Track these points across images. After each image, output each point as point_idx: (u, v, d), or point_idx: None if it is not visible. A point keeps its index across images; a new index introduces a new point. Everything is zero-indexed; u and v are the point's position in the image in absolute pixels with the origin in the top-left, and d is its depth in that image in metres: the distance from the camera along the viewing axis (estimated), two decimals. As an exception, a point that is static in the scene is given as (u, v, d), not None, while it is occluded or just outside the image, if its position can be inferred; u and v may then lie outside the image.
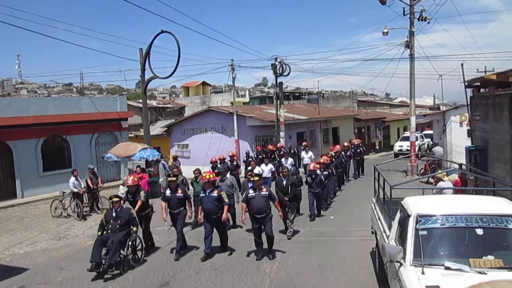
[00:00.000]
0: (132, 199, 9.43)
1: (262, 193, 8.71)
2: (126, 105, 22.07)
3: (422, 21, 20.19)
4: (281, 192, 10.45)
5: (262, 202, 8.67)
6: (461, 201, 6.36)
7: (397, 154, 28.09)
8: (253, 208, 8.69)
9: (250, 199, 8.72)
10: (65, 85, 76.35)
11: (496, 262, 4.59)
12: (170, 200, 9.28)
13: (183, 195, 9.31)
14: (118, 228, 8.30)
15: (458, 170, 11.05)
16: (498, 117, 11.06)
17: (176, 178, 9.73)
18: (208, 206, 8.81)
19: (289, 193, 10.41)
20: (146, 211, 9.61)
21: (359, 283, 7.31)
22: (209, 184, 8.98)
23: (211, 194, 8.83)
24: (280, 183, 10.70)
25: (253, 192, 8.78)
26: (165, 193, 9.46)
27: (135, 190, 9.50)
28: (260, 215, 8.65)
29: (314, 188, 12.02)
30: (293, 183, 10.60)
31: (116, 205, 8.54)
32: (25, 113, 16.79)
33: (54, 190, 15.80)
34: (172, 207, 9.29)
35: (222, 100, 37.85)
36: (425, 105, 48.14)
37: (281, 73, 24.58)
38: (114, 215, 8.43)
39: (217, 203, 8.83)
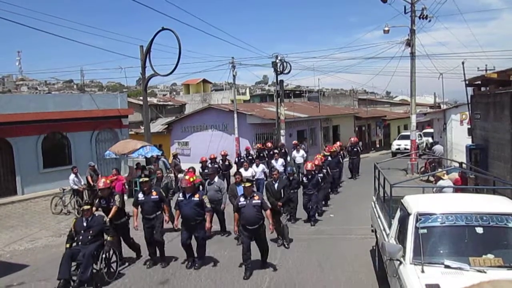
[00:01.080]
0: (106, 205, 8.35)
1: (253, 201, 7.72)
2: (127, 103, 22.06)
3: (423, 19, 20.19)
4: (273, 197, 9.54)
5: (253, 212, 7.67)
6: (461, 199, 6.36)
7: (395, 153, 27.52)
8: (243, 218, 7.76)
9: (241, 208, 7.77)
10: (65, 82, 76.33)
11: (495, 260, 4.59)
12: (143, 205, 8.31)
13: (158, 197, 8.36)
14: (89, 240, 7.34)
15: (458, 169, 11.04)
16: (498, 116, 11.05)
17: (149, 178, 8.75)
18: (188, 212, 7.94)
19: (282, 197, 9.61)
20: (123, 219, 8.55)
21: (359, 282, 7.32)
22: (191, 188, 8.08)
23: (191, 198, 7.98)
24: (271, 187, 9.76)
25: (244, 200, 7.82)
26: (137, 197, 8.45)
27: (109, 195, 8.41)
28: (252, 227, 7.70)
29: (309, 189, 11.37)
30: (286, 185, 9.88)
31: (87, 213, 7.54)
32: (25, 109, 16.79)
33: (54, 187, 15.79)
34: (147, 212, 8.27)
35: (223, 98, 37.82)
36: (426, 103, 48.10)
37: (282, 71, 24.55)
38: (85, 225, 7.42)
39: (198, 209, 7.97)
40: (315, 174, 11.57)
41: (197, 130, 27.19)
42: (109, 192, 8.46)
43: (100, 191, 8.45)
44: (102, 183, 8.42)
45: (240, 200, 7.89)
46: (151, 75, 18.42)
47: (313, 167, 11.60)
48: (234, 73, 26.13)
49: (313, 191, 11.38)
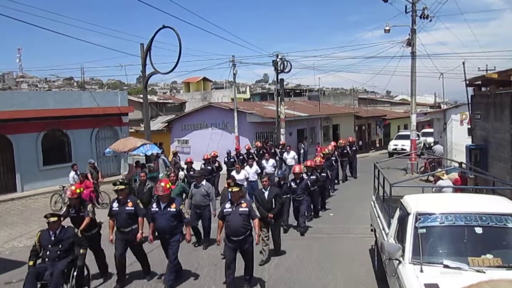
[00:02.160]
0: (76, 215, 7.50)
1: (240, 209, 6.83)
2: (127, 100, 22.04)
3: (424, 19, 20.16)
4: (263, 207, 8.45)
5: (239, 221, 6.78)
6: (461, 199, 6.37)
7: (392, 153, 26.88)
8: (228, 227, 6.88)
9: (226, 216, 6.91)
10: (65, 79, 76.39)
11: (494, 261, 4.60)
12: (117, 216, 7.37)
13: (133, 208, 7.33)
14: (58, 255, 6.28)
15: (458, 169, 11.04)
16: (499, 116, 11.05)
17: (126, 186, 7.57)
18: (163, 224, 7.02)
19: (273, 208, 8.55)
20: (94, 230, 7.65)
21: (358, 281, 7.33)
22: (168, 197, 7.16)
23: (167, 209, 7.04)
24: (261, 197, 8.66)
25: (230, 206, 6.95)
26: (112, 207, 7.54)
27: (79, 203, 7.55)
28: (237, 238, 6.81)
29: (299, 195, 10.39)
30: (278, 194, 8.73)
31: (54, 225, 6.38)
32: (25, 107, 16.79)
33: (54, 184, 15.81)
34: (121, 224, 7.33)
35: (223, 96, 37.79)
36: (426, 103, 48.10)
37: (282, 70, 24.55)
38: (53, 239, 6.32)
39: (175, 221, 7.08)
40: (303, 178, 10.68)
41: (197, 128, 27.18)
42: (80, 200, 7.63)
43: (70, 200, 7.64)
44: (70, 192, 7.61)
45: (225, 206, 7.03)
46: (151, 73, 18.39)
47: (301, 170, 10.70)
48: (235, 72, 26.15)
49: (303, 197, 10.40)
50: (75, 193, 7.52)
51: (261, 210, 8.21)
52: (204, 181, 9.53)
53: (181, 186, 10.28)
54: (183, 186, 10.30)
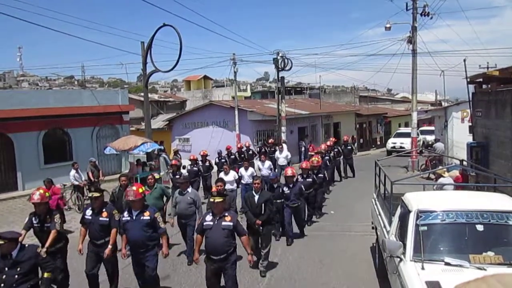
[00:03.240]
0: (40, 226, 6.42)
1: (224, 223, 5.81)
2: (128, 99, 22.08)
3: (425, 16, 20.14)
4: (252, 212, 7.78)
5: (222, 237, 5.78)
6: (462, 197, 6.36)
7: (390, 151, 26.39)
8: (208, 244, 5.88)
9: (206, 230, 5.88)
10: (66, 78, 76.33)
11: (496, 258, 4.59)
12: (90, 225, 6.55)
13: (108, 219, 6.48)
14: (17, 280, 5.00)
15: (459, 166, 11.03)
16: (500, 114, 11.03)
17: (101, 193, 6.69)
18: (136, 235, 6.11)
19: (262, 214, 7.73)
20: (60, 244, 6.66)
21: (358, 278, 7.33)
22: (140, 204, 6.23)
23: (140, 217, 6.12)
24: (251, 200, 7.92)
25: (211, 219, 5.89)
26: (85, 214, 6.70)
27: (45, 213, 6.46)
28: (218, 256, 5.82)
29: (293, 201, 9.40)
30: (269, 200, 7.91)
31: (10, 246, 4.99)
32: (26, 105, 16.79)
33: (55, 183, 15.71)
34: (93, 236, 6.52)
35: (224, 94, 37.81)
36: (427, 101, 48.08)
37: (283, 68, 24.51)
38: (11, 262, 4.99)
39: (150, 231, 6.15)
40: (298, 182, 9.90)
41: (198, 127, 27.19)
42: (46, 209, 6.52)
43: (35, 206, 6.51)
44: (38, 195, 6.41)
45: (205, 219, 5.97)
46: (152, 71, 18.39)
47: (294, 173, 9.68)
48: (235, 70, 26.14)
49: (296, 203, 9.43)
50: (44, 198, 6.44)
51: (249, 215, 7.71)
52: (190, 188, 8.51)
53: (161, 188, 9.24)
54: (163, 189, 9.33)
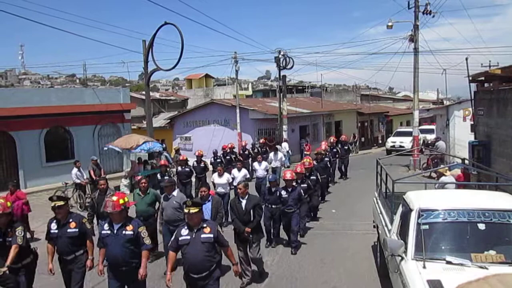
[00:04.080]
0: (2, 241, 5.66)
1: (203, 235, 5.13)
2: (129, 97, 22.08)
3: (427, 14, 20.09)
4: (240, 220, 7.15)
5: (202, 253, 5.08)
6: (464, 195, 6.36)
7: (390, 150, 26.00)
8: (186, 262, 5.22)
9: (182, 246, 5.17)
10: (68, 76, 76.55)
11: (497, 257, 4.59)
12: (57, 240, 5.75)
13: (77, 230, 5.71)
14: None
15: (460, 165, 11.02)
16: (502, 112, 11.01)
17: (65, 202, 5.85)
18: (116, 251, 5.32)
19: (251, 221, 7.13)
20: (27, 260, 5.87)
21: (360, 277, 7.34)
22: (121, 216, 5.39)
23: (122, 231, 5.35)
24: (237, 206, 7.26)
25: (188, 233, 5.19)
26: (50, 228, 5.82)
27: (7, 224, 5.71)
28: (199, 275, 5.15)
29: (290, 206, 8.77)
30: (257, 204, 7.31)
31: None
32: (28, 103, 16.80)
33: (57, 181, 15.84)
34: (62, 251, 5.76)
35: (225, 93, 37.81)
36: (429, 99, 48.02)
37: (285, 66, 24.52)
38: None
39: (132, 248, 5.35)
40: (297, 186, 9.19)
41: (199, 125, 27.19)
42: (8, 220, 5.75)
43: None
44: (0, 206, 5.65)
45: (181, 233, 5.22)
46: (153, 70, 18.43)
47: (293, 176, 9.09)
48: (237, 68, 26.10)
49: (294, 209, 8.79)
50: (6, 208, 5.68)
51: (237, 223, 7.13)
52: (176, 191, 7.95)
53: (154, 194, 8.49)
54: (156, 194, 8.58)
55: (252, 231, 7.06)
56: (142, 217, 7.87)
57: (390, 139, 29.63)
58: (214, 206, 7.45)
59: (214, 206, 7.45)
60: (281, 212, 8.85)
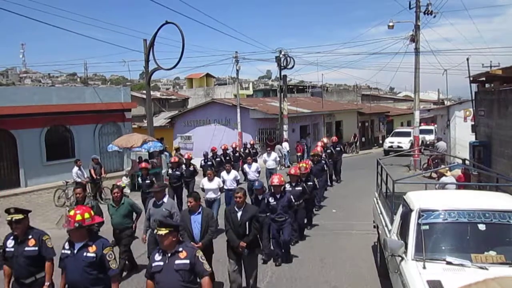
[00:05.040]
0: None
1: (177, 261, 4.27)
2: (130, 96, 22.11)
3: (428, 15, 20.10)
4: (235, 232, 6.42)
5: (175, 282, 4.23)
6: (464, 196, 6.35)
7: (387, 151, 25.48)
8: None
9: (154, 274, 4.33)
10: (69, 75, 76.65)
11: (497, 257, 4.59)
12: (13, 259, 4.90)
13: (37, 249, 4.88)
14: None
15: (461, 165, 11.02)
16: (503, 113, 11.01)
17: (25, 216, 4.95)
18: (75, 276, 4.47)
19: (247, 235, 6.38)
20: None
21: (360, 277, 7.34)
22: (80, 234, 4.53)
23: (83, 252, 4.47)
24: (232, 217, 6.52)
25: (161, 258, 4.32)
26: (5, 246, 5.00)
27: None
28: None
29: (280, 214, 8.06)
30: (254, 216, 6.53)
31: None
32: (29, 102, 16.83)
33: (58, 180, 15.86)
34: (19, 273, 4.91)
35: (226, 92, 37.82)
36: (429, 99, 47.99)
37: (285, 66, 24.53)
38: None
39: (94, 273, 4.46)
40: (285, 192, 8.33)
41: (200, 125, 27.20)
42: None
43: None
44: None
45: (154, 257, 4.40)
46: (154, 69, 18.44)
47: (282, 181, 8.23)
48: (238, 68, 26.11)
49: (284, 217, 8.07)
50: None
51: (231, 236, 6.43)
52: (166, 197, 7.39)
53: (128, 203, 7.75)
54: (132, 204, 7.84)
55: (247, 246, 6.35)
56: (118, 230, 7.50)
57: (388, 139, 29.19)
58: (205, 219, 6.50)
59: (205, 219, 6.51)
60: (271, 220, 8.13)
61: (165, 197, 7.37)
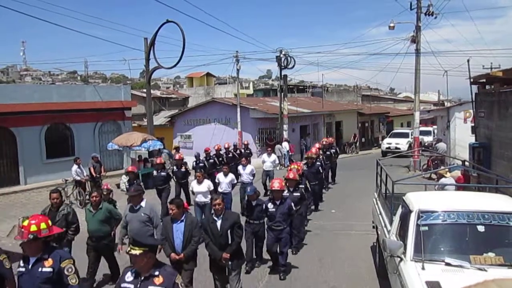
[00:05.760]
0: None
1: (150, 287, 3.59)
2: (130, 95, 22.11)
3: (429, 16, 20.12)
4: (215, 243, 5.87)
5: None
6: (463, 197, 6.35)
7: (385, 152, 25.12)
8: None
9: None
10: (69, 73, 76.60)
11: (496, 259, 4.59)
12: None
13: None
14: None
15: (461, 167, 11.02)
16: (503, 115, 11.01)
17: None
18: None
19: (229, 245, 5.85)
20: None
21: (359, 277, 7.34)
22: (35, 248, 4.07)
23: (38, 267, 4.01)
24: (211, 227, 5.92)
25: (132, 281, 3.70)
26: None
27: None
28: None
29: (278, 222, 7.35)
30: (236, 223, 5.95)
31: None
32: (29, 100, 16.83)
33: (57, 178, 15.86)
34: None
35: (226, 92, 37.80)
36: (430, 100, 47.98)
37: (286, 66, 24.56)
38: None
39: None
40: (287, 198, 7.73)
41: (200, 124, 27.21)
42: None
43: None
44: None
45: (124, 278, 3.76)
46: (155, 68, 18.45)
47: (283, 186, 7.70)
48: (238, 67, 26.12)
49: (282, 225, 7.37)
50: None
51: (212, 248, 5.88)
52: (144, 201, 6.79)
53: (106, 209, 7.17)
54: (111, 210, 7.28)
55: (231, 257, 5.85)
56: (94, 238, 6.90)
57: (385, 140, 28.83)
58: (188, 228, 5.79)
59: (188, 227, 5.79)
60: (268, 228, 7.51)
61: (143, 201, 6.81)
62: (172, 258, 5.76)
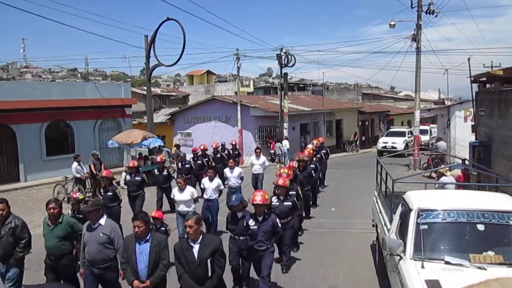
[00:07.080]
0: None
1: None
2: (130, 92, 22.10)
3: (429, 14, 20.08)
4: (191, 274, 4.78)
5: None
6: (463, 196, 6.36)
7: (381, 151, 24.35)
8: None
9: None
10: (69, 70, 76.46)
11: (496, 258, 4.59)
12: None
13: None
14: None
15: (461, 166, 11.02)
16: (503, 113, 11.00)
17: None
18: None
19: (210, 278, 4.79)
20: None
21: (358, 276, 7.35)
22: None
23: None
24: (186, 254, 4.81)
25: None
26: None
27: None
28: None
29: (260, 242, 6.20)
30: (216, 250, 4.84)
31: None
32: (29, 97, 16.81)
33: (57, 175, 15.86)
34: None
35: (226, 90, 37.77)
36: (430, 99, 47.96)
37: (286, 64, 24.49)
38: None
39: None
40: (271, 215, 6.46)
41: (200, 121, 27.18)
42: None
43: None
44: None
45: None
46: (155, 65, 18.43)
47: (266, 200, 6.43)
48: (239, 65, 26.07)
49: (265, 245, 6.22)
50: None
51: (186, 282, 4.78)
52: (103, 218, 5.67)
53: (67, 223, 6.13)
54: (72, 224, 6.18)
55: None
56: (52, 256, 5.93)
57: (381, 139, 28.15)
58: (154, 249, 4.89)
59: (154, 249, 4.90)
60: (249, 248, 6.38)
61: (102, 218, 5.64)
62: (135, 286, 4.83)
